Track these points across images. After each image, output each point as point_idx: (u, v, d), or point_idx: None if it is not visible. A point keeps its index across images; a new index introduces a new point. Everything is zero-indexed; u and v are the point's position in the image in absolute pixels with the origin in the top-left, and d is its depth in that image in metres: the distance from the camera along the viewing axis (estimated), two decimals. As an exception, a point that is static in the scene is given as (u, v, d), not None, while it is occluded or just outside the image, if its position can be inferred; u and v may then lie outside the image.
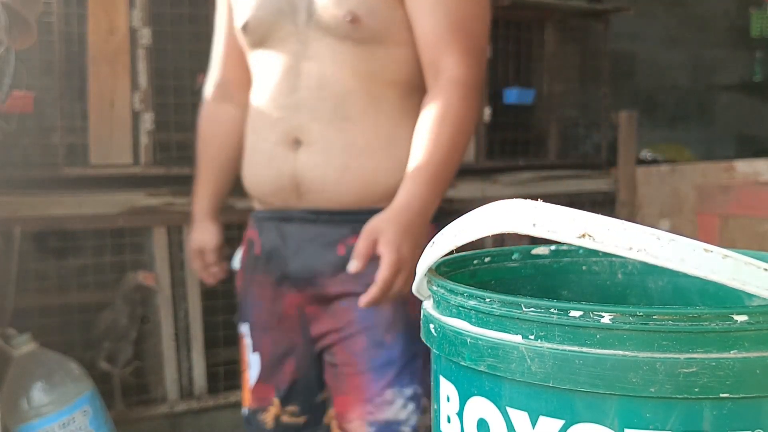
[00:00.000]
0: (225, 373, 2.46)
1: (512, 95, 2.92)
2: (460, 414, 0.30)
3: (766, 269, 0.24)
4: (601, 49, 3.13)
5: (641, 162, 3.17)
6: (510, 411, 0.27)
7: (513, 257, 0.40)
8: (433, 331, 0.31)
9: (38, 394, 1.68)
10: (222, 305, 2.51)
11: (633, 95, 3.79)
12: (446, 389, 0.31)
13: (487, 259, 0.40)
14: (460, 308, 0.29)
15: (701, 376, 0.23)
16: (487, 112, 2.84)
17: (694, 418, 0.24)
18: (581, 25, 3.17)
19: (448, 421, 0.31)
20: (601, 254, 0.35)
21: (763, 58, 4.05)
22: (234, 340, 2.54)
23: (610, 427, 0.25)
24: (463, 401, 0.30)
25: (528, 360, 0.26)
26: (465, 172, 2.85)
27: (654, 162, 3.21)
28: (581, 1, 3.04)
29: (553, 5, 2.93)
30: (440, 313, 0.31)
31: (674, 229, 2.94)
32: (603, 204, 3.12)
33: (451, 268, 0.38)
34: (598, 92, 3.16)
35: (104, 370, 2.11)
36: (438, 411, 0.32)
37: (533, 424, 0.26)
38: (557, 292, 0.42)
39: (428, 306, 0.33)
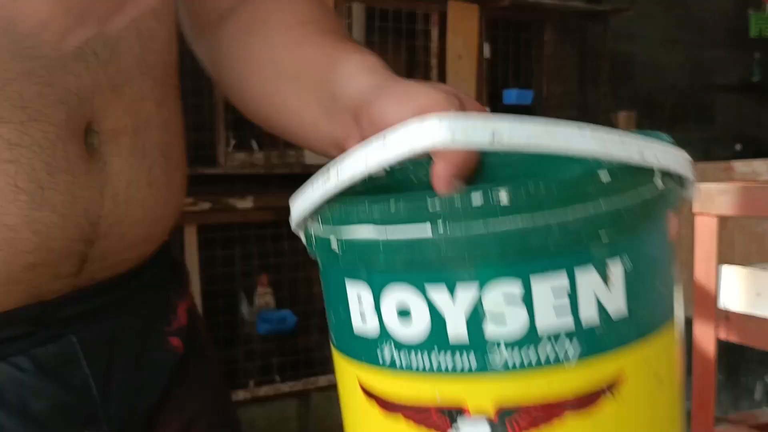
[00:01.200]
0: (225, 373, 2.47)
1: (511, 96, 2.93)
2: (377, 307, 0.31)
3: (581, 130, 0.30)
4: (600, 50, 3.14)
5: (640, 162, 3.17)
6: (428, 287, 0.30)
7: (356, 189, 0.37)
8: (335, 247, 0.32)
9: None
10: (222, 305, 2.52)
11: (632, 96, 3.80)
12: (355, 290, 0.32)
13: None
14: (364, 217, 0.31)
15: (583, 228, 0.29)
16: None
17: (583, 261, 0.30)
18: (580, 26, 3.18)
19: (362, 320, 0.32)
20: (425, 163, 0.37)
21: (762, 58, 4.06)
22: (235, 340, 2.55)
23: (518, 277, 0.29)
24: (377, 296, 0.31)
25: (441, 248, 0.29)
26: (464, 173, 2.86)
27: (653, 162, 3.21)
28: (580, 1, 3.05)
29: (553, 6, 2.94)
30: (342, 226, 0.32)
31: (673, 230, 2.94)
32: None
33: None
34: (597, 93, 3.17)
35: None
36: (342, 318, 0.33)
37: (452, 293, 0.29)
38: None
39: (319, 228, 0.34)
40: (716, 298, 1.72)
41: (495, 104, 2.93)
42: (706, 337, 1.75)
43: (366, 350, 0.32)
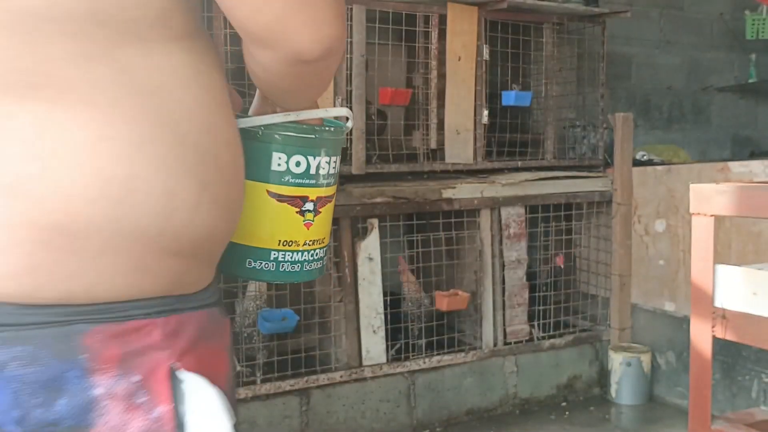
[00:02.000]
0: (227, 372, 2.48)
1: (510, 97, 2.96)
2: (287, 162, 0.79)
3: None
4: (598, 52, 3.16)
5: (637, 163, 3.20)
6: (308, 157, 0.81)
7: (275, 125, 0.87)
8: (277, 137, 0.80)
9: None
10: (223, 305, 2.53)
11: (629, 97, 3.83)
12: (278, 156, 0.80)
13: None
14: (293, 130, 0.80)
15: (338, 144, 0.85)
16: (486, 113, 2.87)
17: (334, 154, 0.84)
18: (578, 28, 3.21)
19: (278, 165, 0.80)
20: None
21: (758, 60, 4.08)
22: (235, 340, 2.57)
23: (329, 156, 0.83)
24: (289, 158, 0.80)
25: (316, 143, 0.81)
26: (463, 173, 2.88)
27: (650, 163, 3.24)
28: (578, 3, 3.08)
29: (551, 8, 2.96)
30: (282, 131, 0.80)
31: (670, 229, 2.97)
32: (600, 204, 3.16)
33: None
34: (594, 94, 3.19)
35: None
36: (264, 166, 0.80)
37: (315, 158, 0.82)
38: None
39: (264, 129, 0.80)
40: (713, 297, 1.75)
41: (494, 105, 2.96)
42: (703, 336, 1.77)
43: (276, 177, 0.80)
